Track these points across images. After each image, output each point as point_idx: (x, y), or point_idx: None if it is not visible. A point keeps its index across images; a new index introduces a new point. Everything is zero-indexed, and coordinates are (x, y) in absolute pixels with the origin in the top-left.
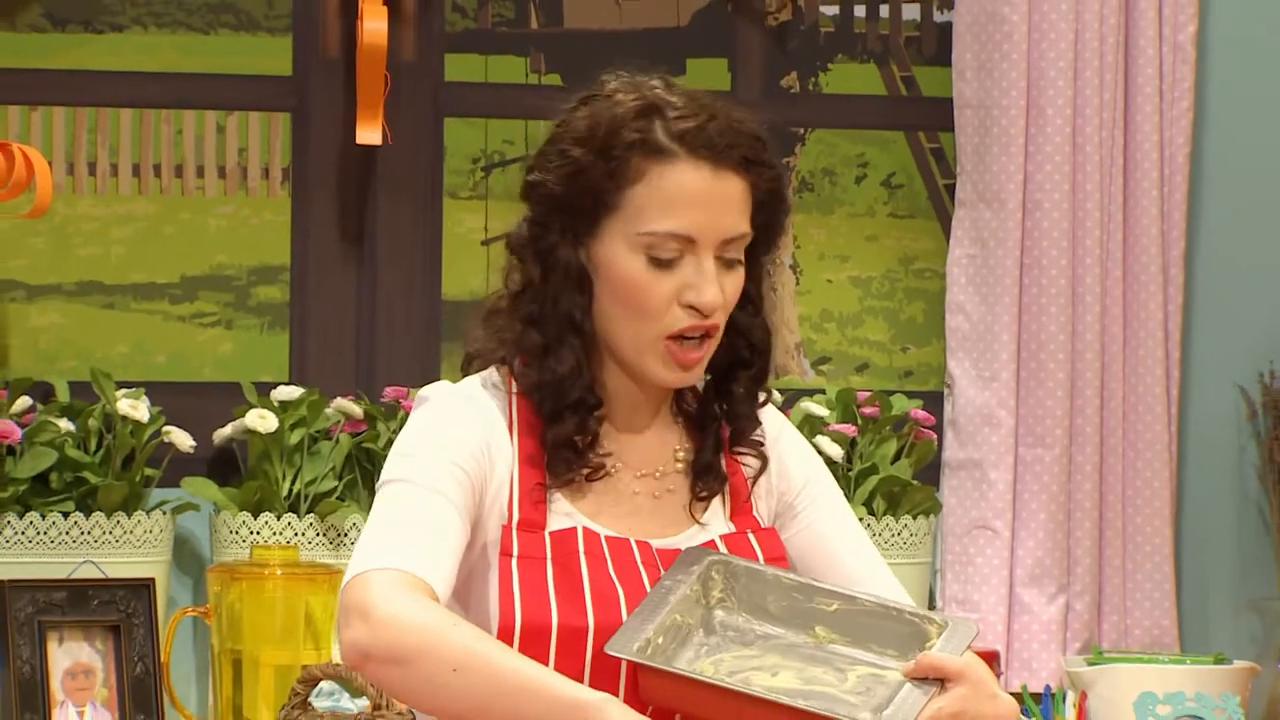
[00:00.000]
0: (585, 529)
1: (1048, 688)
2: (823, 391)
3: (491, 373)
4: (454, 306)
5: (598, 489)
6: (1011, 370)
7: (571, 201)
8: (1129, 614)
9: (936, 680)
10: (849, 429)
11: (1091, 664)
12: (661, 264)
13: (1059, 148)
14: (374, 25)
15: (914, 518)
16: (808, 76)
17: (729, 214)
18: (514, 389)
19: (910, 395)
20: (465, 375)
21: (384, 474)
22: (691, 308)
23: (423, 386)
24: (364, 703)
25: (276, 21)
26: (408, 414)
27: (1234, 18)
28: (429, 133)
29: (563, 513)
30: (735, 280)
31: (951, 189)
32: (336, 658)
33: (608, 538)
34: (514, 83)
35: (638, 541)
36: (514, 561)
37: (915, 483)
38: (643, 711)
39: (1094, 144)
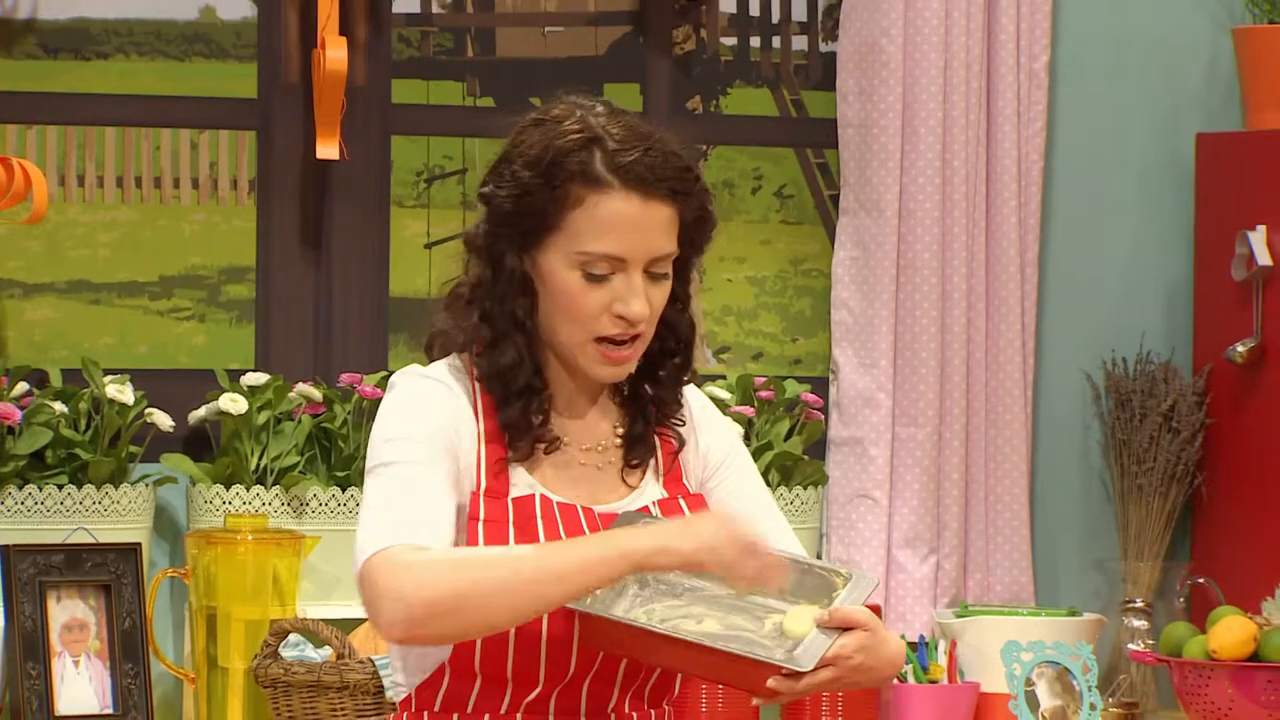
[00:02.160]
0: (541, 496)
1: (922, 637)
2: (724, 377)
3: (454, 359)
4: (399, 303)
5: (551, 461)
6: (889, 358)
7: (519, 217)
8: (991, 572)
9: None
10: (747, 410)
11: (959, 616)
12: (595, 279)
13: (930, 163)
14: (335, 54)
15: (804, 488)
16: (709, 99)
17: (656, 237)
18: (474, 373)
19: (800, 380)
20: (428, 355)
21: (370, 459)
22: (620, 317)
23: (373, 373)
24: (327, 652)
25: (244, 50)
26: (362, 397)
27: (1081, 49)
28: (378, 149)
29: (522, 482)
30: (662, 291)
31: (835, 199)
32: (301, 613)
33: (559, 503)
34: (453, 104)
35: (583, 507)
36: (480, 525)
37: (805, 457)
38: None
39: (961, 159)
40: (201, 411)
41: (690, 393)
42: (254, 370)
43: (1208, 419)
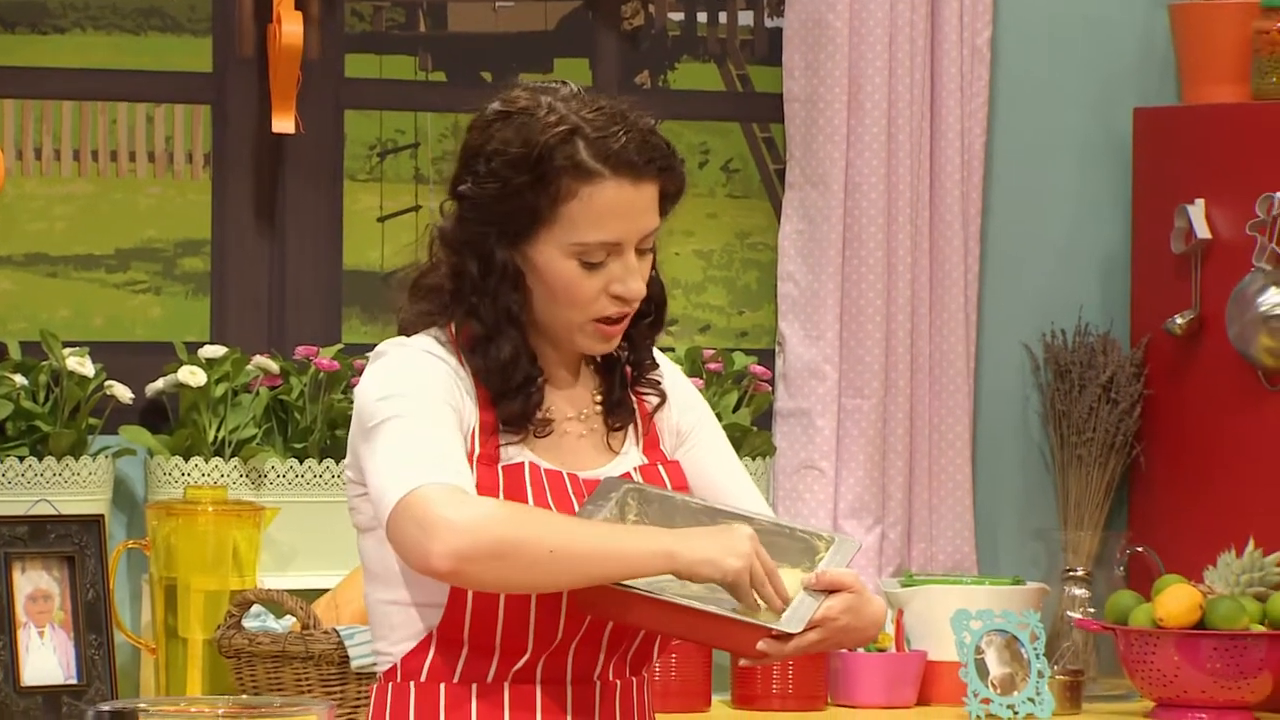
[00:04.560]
0: (531, 463)
1: None
2: (673, 349)
3: (436, 332)
4: (353, 276)
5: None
6: (835, 330)
7: (508, 215)
8: (934, 542)
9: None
10: (697, 382)
11: (905, 586)
12: (591, 266)
13: (876, 137)
14: (291, 28)
15: (752, 459)
16: (657, 74)
17: (646, 216)
18: (457, 343)
19: (746, 353)
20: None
21: (372, 418)
22: (618, 297)
23: (328, 345)
24: (288, 623)
25: (198, 24)
26: (319, 370)
27: (1023, 25)
28: (331, 123)
29: (511, 449)
30: (648, 262)
31: (781, 173)
32: (259, 584)
33: (546, 470)
34: (405, 79)
35: (569, 474)
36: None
37: (753, 429)
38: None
39: (906, 134)
40: (159, 384)
41: (661, 360)
42: (209, 343)
43: (1146, 390)
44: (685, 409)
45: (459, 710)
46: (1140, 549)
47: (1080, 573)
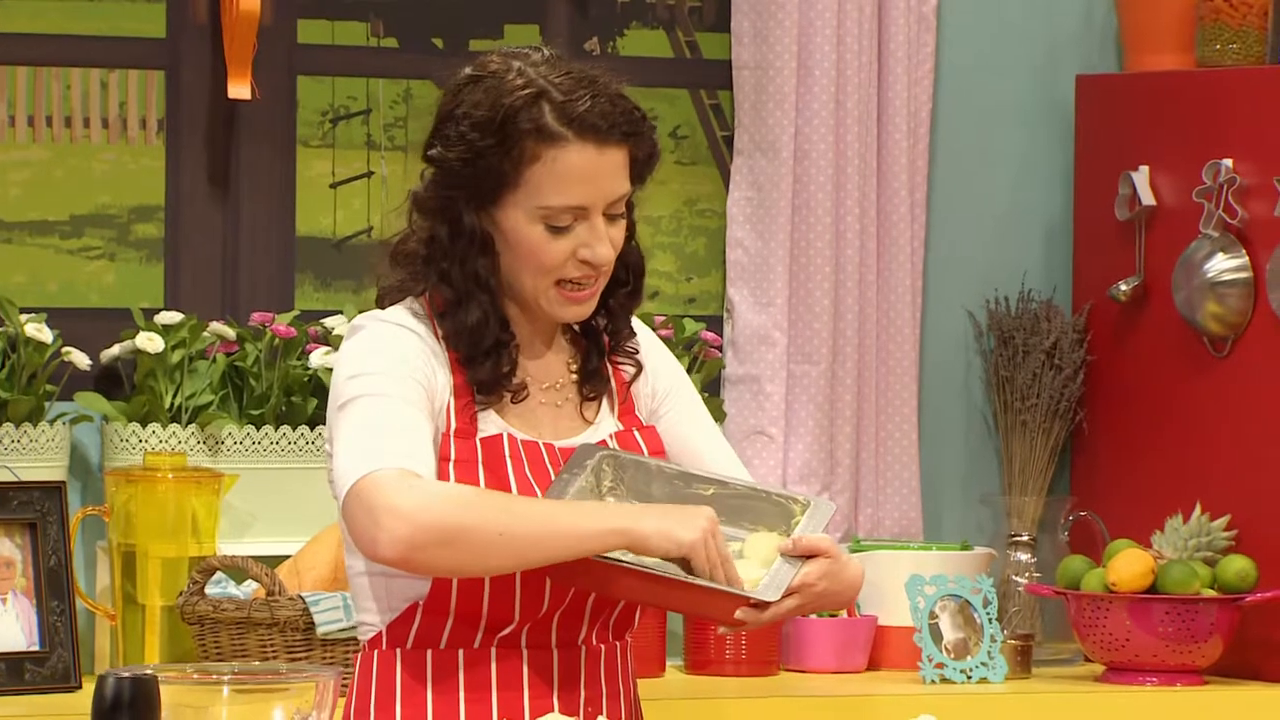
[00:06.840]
0: (508, 435)
1: None
2: None
3: (411, 303)
4: (305, 242)
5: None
6: (784, 297)
7: (474, 178)
8: (881, 507)
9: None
10: None
11: (854, 551)
12: (558, 230)
13: (824, 104)
14: None
15: None
16: (607, 40)
17: (613, 180)
18: (433, 315)
19: (695, 319)
20: (381, 309)
21: (341, 396)
22: (585, 262)
23: (282, 312)
24: (249, 589)
25: None
26: (275, 335)
27: None
28: (284, 89)
29: (489, 422)
30: (620, 228)
31: (729, 140)
32: (219, 551)
33: (523, 441)
34: (357, 45)
35: (545, 444)
36: (450, 465)
37: (704, 395)
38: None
39: (854, 101)
40: (115, 350)
41: (636, 326)
42: (163, 309)
43: (1089, 356)
44: (660, 372)
45: (446, 676)
46: (1084, 514)
47: (1025, 538)
